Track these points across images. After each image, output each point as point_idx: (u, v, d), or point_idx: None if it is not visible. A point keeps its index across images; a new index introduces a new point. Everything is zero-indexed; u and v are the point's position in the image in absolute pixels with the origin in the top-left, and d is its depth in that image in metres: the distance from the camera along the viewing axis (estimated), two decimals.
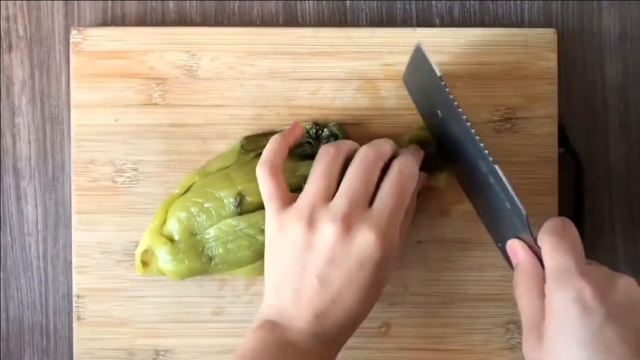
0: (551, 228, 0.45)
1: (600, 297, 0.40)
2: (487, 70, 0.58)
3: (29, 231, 0.60)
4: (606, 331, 0.40)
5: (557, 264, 0.43)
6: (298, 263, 0.47)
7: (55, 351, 0.60)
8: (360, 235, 0.46)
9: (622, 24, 0.61)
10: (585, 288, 0.41)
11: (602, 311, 0.40)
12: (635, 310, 0.41)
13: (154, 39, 0.58)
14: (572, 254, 0.43)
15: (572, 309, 0.41)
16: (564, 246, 0.44)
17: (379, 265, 0.46)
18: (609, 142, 0.60)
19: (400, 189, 0.48)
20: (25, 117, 0.60)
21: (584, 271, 0.42)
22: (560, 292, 0.42)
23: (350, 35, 0.58)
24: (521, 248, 0.48)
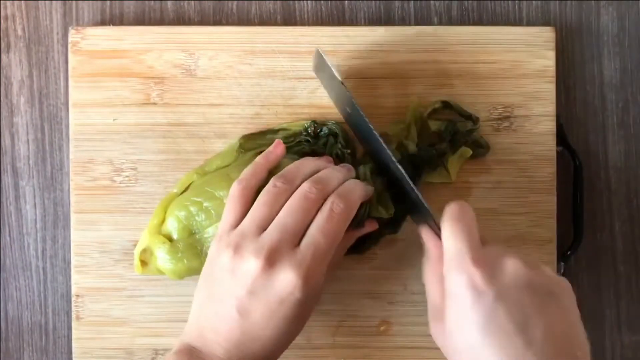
0: (449, 213, 0.46)
1: (490, 280, 0.43)
2: (485, 69, 0.58)
3: (27, 231, 0.60)
4: (497, 311, 0.42)
5: (452, 249, 0.45)
6: (222, 288, 0.47)
7: (54, 350, 0.60)
8: (282, 273, 0.46)
9: (620, 22, 0.61)
10: (475, 273, 0.43)
11: (492, 293, 0.42)
12: (522, 289, 0.43)
13: (152, 39, 0.58)
14: (466, 239, 0.44)
15: (465, 293, 0.43)
16: (458, 231, 0.45)
17: (300, 303, 0.46)
18: (607, 140, 0.60)
19: (331, 228, 0.47)
20: (23, 116, 0.60)
21: (475, 255, 0.44)
22: (453, 277, 0.44)
23: (348, 34, 0.58)
24: (426, 235, 0.50)
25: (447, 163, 0.57)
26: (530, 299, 0.43)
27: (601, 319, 0.60)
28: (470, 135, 0.57)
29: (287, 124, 0.57)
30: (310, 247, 0.47)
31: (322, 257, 0.47)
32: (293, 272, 0.45)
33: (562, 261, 0.58)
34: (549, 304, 0.43)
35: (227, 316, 0.47)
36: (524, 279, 0.43)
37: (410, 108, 0.57)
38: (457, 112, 0.57)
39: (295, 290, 0.46)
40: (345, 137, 0.56)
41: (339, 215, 0.48)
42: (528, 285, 0.43)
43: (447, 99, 0.57)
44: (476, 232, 0.46)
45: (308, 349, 0.57)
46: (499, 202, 0.57)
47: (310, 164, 0.52)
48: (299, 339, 0.56)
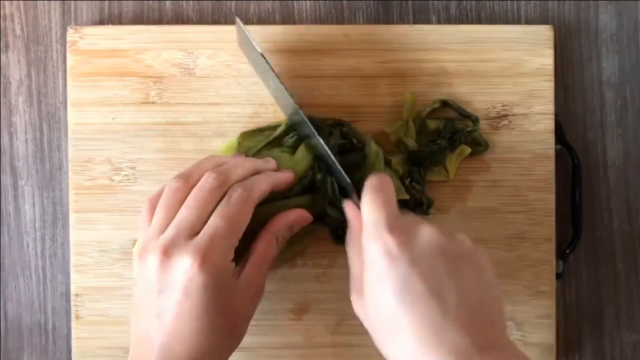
0: (368, 185, 0.47)
1: (404, 246, 0.43)
2: (483, 67, 0.58)
3: (26, 230, 0.60)
4: (411, 275, 0.42)
5: (369, 218, 0.45)
6: (139, 294, 0.47)
7: (53, 350, 0.60)
8: (178, 262, 0.45)
9: (619, 20, 0.61)
10: (390, 239, 0.43)
11: (406, 258, 0.43)
12: (434, 253, 0.43)
13: (150, 38, 0.58)
14: (383, 209, 0.45)
15: (380, 259, 0.43)
16: (377, 201, 0.46)
17: (207, 289, 0.45)
18: (606, 139, 0.60)
19: (229, 212, 0.47)
20: (22, 116, 0.60)
21: (391, 224, 0.44)
22: (370, 245, 0.44)
23: (347, 33, 0.58)
24: (350, 208, 0.50)
25: (446, 161, 0.57)
26: (444, 264, 0.43)
27: (600, 317, 0.60)
28: (470, 135, 0.57)
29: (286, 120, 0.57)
30: (207, 231, 0.46)
31: (221, 238, 0.46)
32: (188, 256, 0.45)
33: (561, 259, 0.58)
34: (464, 269, 0.44)
35: (149, 324, 0.46)
36: (438, 245, 0.44)
37: (405, 105, 0.57)
38: (457, 112, 0.57)
39: (194, 274, 0.45)
40: (343, 132, 0.56)
41: (237, 199, 0.47)
42: (442, 251, 0.44)
43: (446, 97, 0.57)
44: (394, 203, 0.46)
45: (307, 348, 0.57)
46: (497, 201, 0.57)
47: (211, 160, 0.51)
48: (298, 338, 0.57)
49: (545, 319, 0.57)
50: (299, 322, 0.57)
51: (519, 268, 0.57)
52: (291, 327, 0.57)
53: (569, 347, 0.60)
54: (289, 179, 0.53)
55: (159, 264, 0.45)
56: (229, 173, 0.49)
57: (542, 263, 0.57)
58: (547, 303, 0.57)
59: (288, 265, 0.57)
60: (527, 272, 0.57)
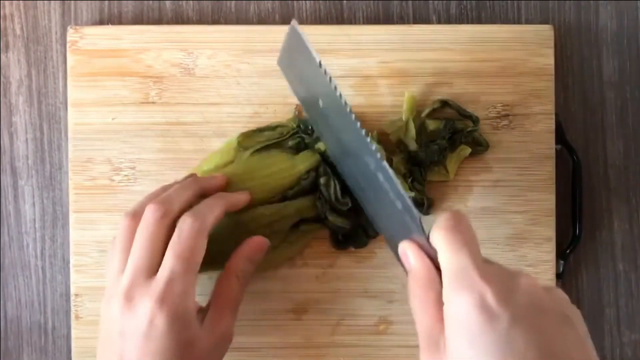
0: (443, 224, 0.40)
1: (504, 300, 0.36)
2: (483, 67, 0.58)
3: (26, 230, 0.60)
4: (513, 336, 0.36)
5: (453, 265, 0.38)
6: (103, 337, 0.47)
7: (53, 350, 0.60)
8: (139, 305, 0.45)
9: (619, 19, 0.61)
10: (486, 291, 0.37)
11: (507, 315, 0.36)
12: (539, 311, 0.37)
13: (150, 38, 0.58)
14: (467, 252, 0.38)
15: (474, 315, 0.36)
16: (458, 243, 0.39)
17: (168, 333, 0.44)
18: (606, 138, 0.60)
19: (182, 250, 0.45)
20: (22, 116, 0.60)
21: (483, 272, 0.38)
22: (459, 297, 0.37)
23: (347, 33, 0.58)
24: (412, 251, 0.42)
25: (446, 161, 0.57)
26: (550, 324, 0.37)
27: (600, 317, 0.60)
28: (470, 135, 0.57)
29: (286, 121, 0.57)
30: (164, 273, 0.45)
31: (179, 279, 0.45)
32: (149, 300, 0.44)
33: (561, 259, 0.58)
34: (567, 329, 0.38)
35: None
36: (540, 300, 0.38)
37: (405, 105, 0.57)
38: (457, 112, 0.57)
39: (155, 319, 0.44)
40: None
41: (188, 232, 0.46)
42: (545, 308, 0.38)
43: (446, 97, 0.57)
44: (479, 246, 0.40)
45: (307, 348, 0.57)
46: (497, 201, 0.57)
47: (158, 190, 0.50)
48: (298, 338, 0.57)
49: None
50: (299, 322, 0.57)
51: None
52: (291, 327, 0.57)
53: None
54: (244, 200, 0.51)
55: (121, 308, 0.45)
56: (171, 200, 0.47)
57: (543, 263, 0.57)
58: None
59: (288, 265, 0.57)
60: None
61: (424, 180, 0.56)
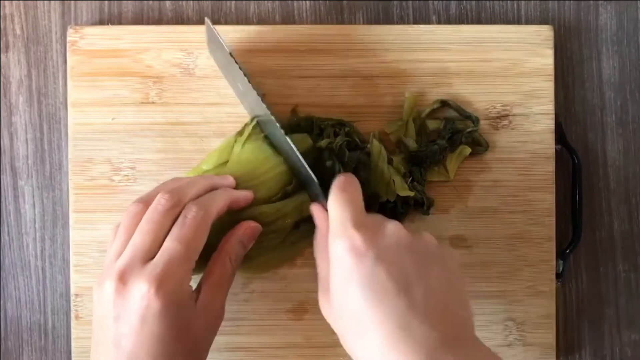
0: (334, 184, 0.47)
1: (370, 242, 0.43)
2: (483, 67, 0.58)
3: (26, 230, 0.60)
4: (377, 271, 0.42)
5: (335, 217, 0.45)
6: (96, 321, 0.47)
7: (53, 350, 0.60)
8: (134, 288, 0.44)
9: (619, 20, 0.61)
10: (356, 236, 0.43)
11: (372, 254, 0.43)
12: (401, 250, 0.44)
13: (150, 38, 0.58)
14: (349, 207, 0.45)
15: (346, 256, 0.43)
16: (342, 200, 0.46)
17: (164, 316, 0.44)
18: (606, 139, 0.60)
19: (184, 235, 0.46)
20: (22, 116, 0.60)
21: (357, 222, 0.44)
22: (336, 243, 0.44)
23: (347, 33, 0.58)
24: (316, 210, 0.50)
25: (446, 161, 0.57)
26: (411, 260, 0.43)
27: (600, 317, 0.60)
28: (471, 135, 0.57)
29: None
30: (163, 255, 0.45)
31: (177, 263, 0.45)
32: (144, 282, 0.44)
33: (561, 259, 0.58)
34: (430, 266, 0.44)
35: (107, 351, 0.45)
36: (405, 241, 0.44)
37: (405, 104, 0.57)
38: (457, 112, 0.57)
39: (151, 301, 0.44)
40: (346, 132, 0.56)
41: (192, 219, 0.47)
42: (408, 247, 0.44)
43: (446, 98, 0.57)
44: (360, 201, 0.46)
45: (307, 348, 0.57)
46: (497, 201, 0.57)
47: (171, 181, 0.51)
48: (298, 338, 0.57)
49: (545, 319, 0.57)
50: (299, 322, 0.57)
51: (519, 268, 0.57)
52: (291, 327, 0.57)
53: (569, 347, 0.60)
54: (248, 197, 0.52)
55: (115, 290, 0.45)
56: (182, 192, 0.48)
57: (542, 263, 0.57)
58: (547, 303, 0.57)
59: (288, 265, 0.57)
60: (527, 272, 0.57)
61: (424, 180, 0.56)
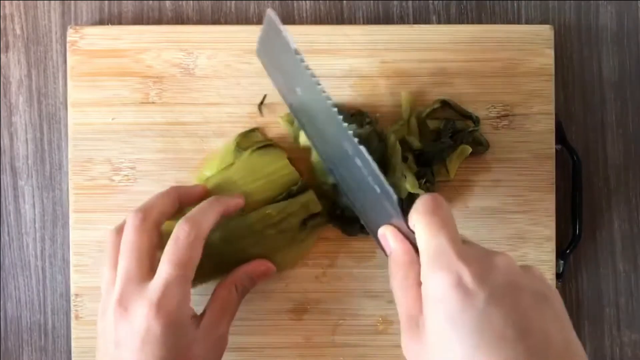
0: (421, 207, 0.41)
1: (480, 279, 0.37)
2: (484, 67, 0.58)
3: (26, 230, 0.60)
4: (490, 314, 0.36)
5: (431, 246, 0.39)
6: (100, 350, 0.47)
7: (53, 350, 0.60)
8: (134, 312, 0.45)
9: (619, 20, 0.61)
10: (463, 270, 0.37)
11: (484, 294, 0.37)
12: (516, 289, 0.38)
13: (150, 38, 0.58)
14: (445, 233, 0.39)
15: (452, 295, 0.37)
16: (436, 225, 0.39)
17: (164, 339, 0.45)
18: (607, 139, 0.60)
19: (178, 257, 0.46)
20: (22, 116, 0.60)
21: (460, 252, 0.38)
22: (436, 277, 0.38)
23: (347, 33, 0.58)
24: (391, 234, 0.44)
25: (446, 161, 0.57)
26: (527, 302, 0.37)
27: (600, 317, 0.60)
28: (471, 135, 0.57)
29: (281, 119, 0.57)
30: (159, 279, 0.46)
31: (175, 284, 0.45)
32: (144, 307, 0.45)
33: (561, 259, 0.58)
34: (546, 307, 0.38)
35: None
36: (519, 277, 0.38)
37: (402, 103, 0.57)
38: (457, 112, 0.57)
39: (150, 324, 0.44)
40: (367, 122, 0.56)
41: (184, 239, 0.46)
42: (521, 286, 0.38)
43: (446, 98, 0.57)
44: (456, 228, 0.40)
45: (307, 348, 0.57)
46: (498, 201, 0.57)
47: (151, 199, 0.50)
48: (298, 338, 0.57)
49: None
50: (299, 322, 0.57)
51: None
52: (291, 327, 0.57)
53: None
54: (238, 204, 0.51)
55: (116, 317, 0.45)
56: (148, 206, 0.48)
57: (543, 263, 0.57)
58: None
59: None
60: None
61: (434, 179, 0.56)
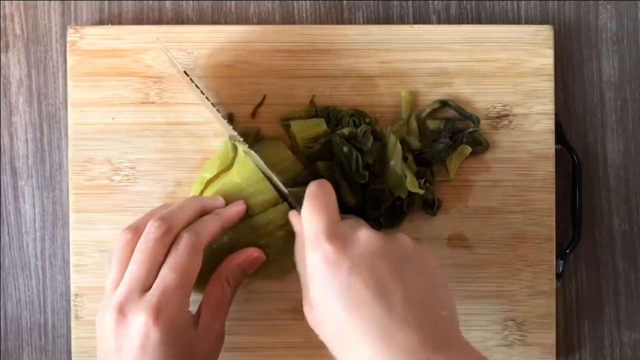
0: (307, 192, 0.47)
1: (343, 252, 0.43)
2: (483, 67, 0.58)
3: (26, 230, 0.60)
4: (353, 281, 0.42)
5: (308, 228, 0.46)
6: (100, 355, 0.47)
7: (53, 350, 0.60)
8: (134, 319, 0.45)
9: (619, 20, 0.61)
10: (329, 248, 0.43)
11: (346, 264, 0.43)
12: (374, 256, 0.44)
13: (150, 38, 0.58)
14: (321, 216, 0.45)
15: (322, 268, 0.43)
16: (315, 209, 0.46)
17: (164, 344, 0.45)
18: (606, 139, 0.60)
19: (179, 263, 0.47)
20: (22, 116, 0.60)
21: (329, 232, 0.44)
22: (310, 255, 0.44)
23: (347, 33, 0.58)
24: (293, 218, 0.50)
25: (446, 161, 0.57)
26: (386, 265, 0.43)
27: (600, 317, 0.60)
28: (471, 135, 0.57)
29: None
30: (159, 285, 0.46)
31: (173, 291, 0.46)
32: (142, 313, 0.45)
33: (561, 259, 0.58)
34: (407, 268, 0.44)
35: None
36: (378, 247, 0.44)
37: (402, 102, 0.57)
38: (457, 112, 0.57)
39: (150, 331, 0.45)
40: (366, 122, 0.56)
41: (184, 247, 0.47)
42: (383, 253, 0.44)
43: (446, 98, 0.57)
44: (333, 208, 0.47)
45: (307, 348, 0.57)
46: (497, 201, 0.57)
47: (160, 208, 0.51)
48: (298, 338, 0.57)
49: (545, 319, 0.57)
50: (299, 322, 0.57)
51: (519, 268, 0.57)
52: (291, 327, 0.57)
53: (569, 347, 0.60)
54: (240, 212, 0.52)
55: (115, 323, 0.46)
56: (172, 218, 0.49)
57: (542, 263, 0.57)
58: (547, 303, 0.57)
59: None
60: (527, 272, 0.57)
61: (433, 180, 0.56)
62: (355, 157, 0.54)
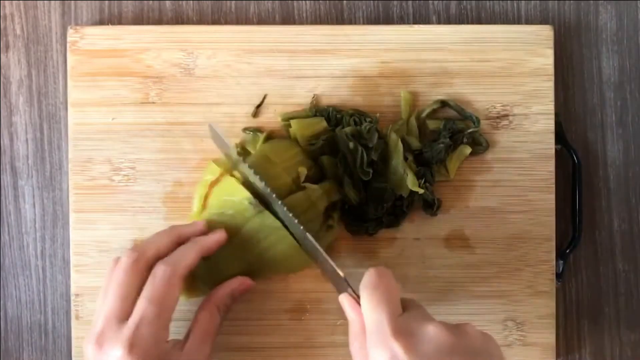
0: (366, 281, 0.46)
1: (412, 352, 0.41)
2: (483, 67, 0.58)
3: (27, 230, 0.60)
4: None
5: (370, 321, 0.44)
6: None
7: (53, 349, 0.60)
8: (110, 351, 0.46)
9: (619, 20, 0.61)
10: (397, 347, 0.42)
11: None
12: (445, 354, 0.42)
13: (150, 38, 0.58)
14: (385, 308, 0.44)
15: None
16: (377, 300, 0.44)
17: None
18: (606, 138, 0.60)
19: (154, 294, 0.47)
20: (22, 116, 0.60)
21: (395, 327, 0.43)
22: (376, 352, 0.43)
23: (347, 33, 0.58)
24: (348, 304, 0.48)
25: (446, 161, 0.57)
26: None
27: (600, 317, 0.60)
28: (471, 135, 0.57)
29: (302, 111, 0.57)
30: (135, 317, 0.46)
31: (149, 322, 0.46)
32: (119, 346, 0.45)
33: (561, 259, 0.58)
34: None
35: None
36: (447, 344, 0.42)
37: (402, 102, 0.57)
38: (457, 112, 0.57)
39: None
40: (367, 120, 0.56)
41: (160, 279, 0.47)
42: (451, 349, 0.42)
43: (446, 98, 0.57)
44: (397, 298, 0.45)
45: (307, 348, 0.57)
46: (498, 201, 0.57)
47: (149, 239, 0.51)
48: (298, 338, 0.57)
49: (545, 319, 0.57)
50: (299, 322, 0.57)
51: (519, 268, 0.57)
52: (291, 327, 0.57)
53: (569, 347, 0.60)
54: (220, 240, 0.51)
55: (93, 354, 0.46)
56: (143, 248, 0.49)
57: (542, 263, 0.57)
58: (547, 303, 0.57)
59: None
60: (527, 272, 0.57)
61: (433, 180, 0.56)
62: (360, 153, 0.54)
